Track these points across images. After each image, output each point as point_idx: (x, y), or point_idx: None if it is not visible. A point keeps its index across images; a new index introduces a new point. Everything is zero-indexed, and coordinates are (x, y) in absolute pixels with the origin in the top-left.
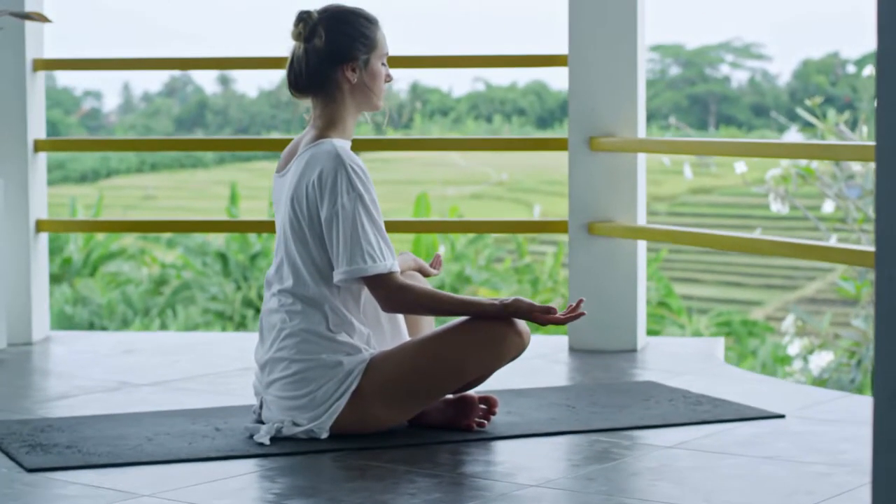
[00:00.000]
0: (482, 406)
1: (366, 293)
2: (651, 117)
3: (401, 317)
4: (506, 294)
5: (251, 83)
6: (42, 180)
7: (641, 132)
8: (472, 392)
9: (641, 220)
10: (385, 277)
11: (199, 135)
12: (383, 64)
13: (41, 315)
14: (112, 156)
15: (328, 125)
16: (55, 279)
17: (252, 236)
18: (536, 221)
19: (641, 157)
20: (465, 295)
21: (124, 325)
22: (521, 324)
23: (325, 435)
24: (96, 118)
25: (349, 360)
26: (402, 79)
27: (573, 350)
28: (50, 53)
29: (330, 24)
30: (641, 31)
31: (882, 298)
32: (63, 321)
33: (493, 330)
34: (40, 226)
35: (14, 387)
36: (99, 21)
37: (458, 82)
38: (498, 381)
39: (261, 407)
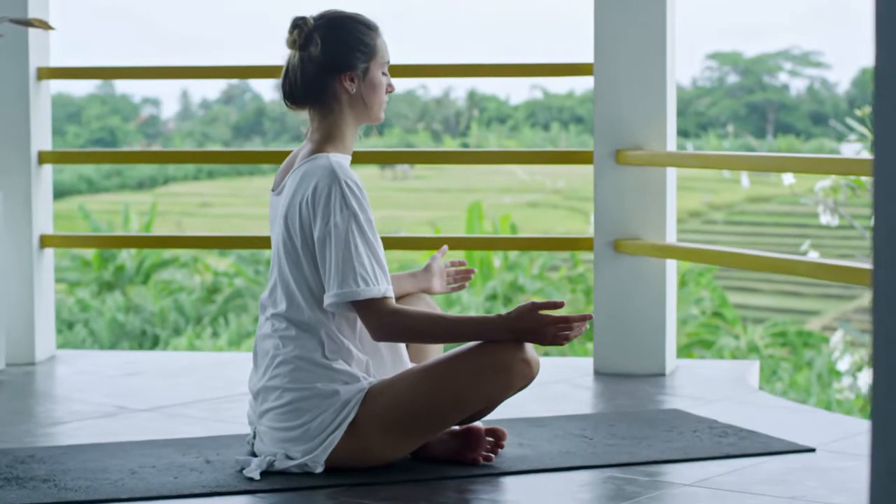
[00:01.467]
0: (489, 439)
1: None
2: (709, 125)
3: (402, 345)
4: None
5: None
6: (47, 193)
7: (671, 145)
8: (479, 423)
9: (671, 237)
10: (377, 303)
11: (256, 143)
12: (384, 73)
13: (46, 334)
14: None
15: (325, 139)
16: (108, 287)
17: None
18: (560, 238)
19: (671, 172)
20: (470, 314)
21: (176, 333)
22: (530, 351)
23: (319, 469)
24: (154, 125)
25: (346, 390)
26: (460, 86)
27: (598, 374)
28: (73, 62)
29: (326, 32)
30: (672, 38)
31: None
32: (115, 329)
33: (499, 358)
34: (45, 241)
35: (6, 411)
36: (117, 28)
37: (515, 90)
38: (513, 409)
39: (254, 438)
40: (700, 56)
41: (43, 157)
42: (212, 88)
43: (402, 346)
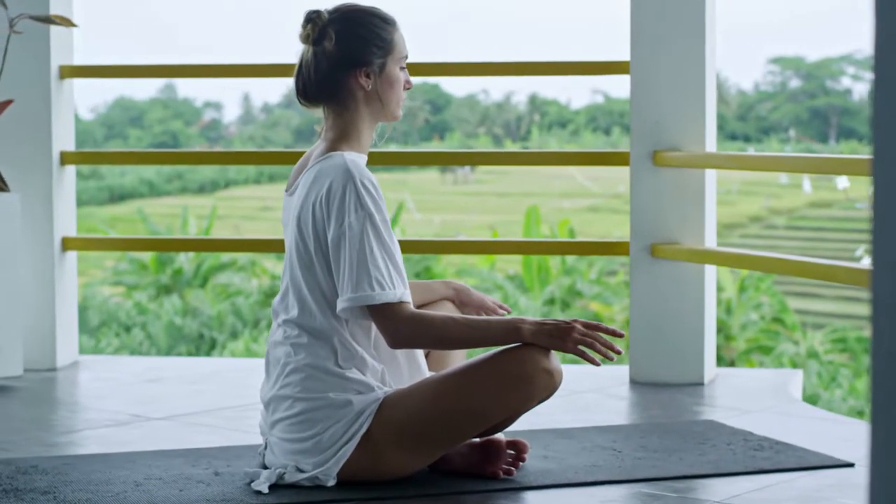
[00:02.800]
0: (510, 451)
1: None
2: (771, 129)
3: (420, 352)
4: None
5: None
6: (70, 195)
7: (710, 146)
8: (500, 435)
9: (710, 241)
10: (394, 307)
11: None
12: (402, 69)
13: (68, 339)
14: (230, 167)
15: (340, 137)
16: (166, 290)
17: None
18: (595, 243)
19: (710, 174)
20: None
21: (233, 336)
22: (553, 361)
23: (331, 483)
24: (216, 129)
25: (359, 400)
26: (521, 91)
27: (634, 383)
28: (102, 61)
29: (341, 26)
30: (711, 35)
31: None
32: (172, 332)
33: (520, 368)
34: (67, 244)
35: (18, 419)
36: (122, 26)
37: (576, 94)
38: (541, 419)
39: (265, 449)
40: (762, 60)
41: (65, 158)
42: (273, 92)
43: (420, 354)
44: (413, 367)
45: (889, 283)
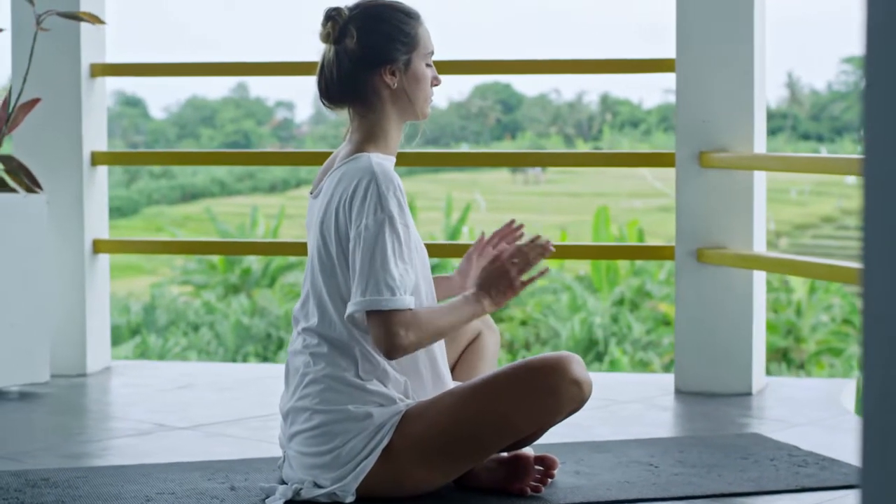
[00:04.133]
0: (538, 467)
1: None
2: (844, 130)
3: (444, 362)
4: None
5: (441, 94)
6: (102, 196)
7: (759, 146)
8: (529, 450)
9: (759, 246)
10: (401, 315)
11: None
12: (428, 65)
13: (100, 343)
14: (301, 167)
15: (367, 138)
16: (234, 290)
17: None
18: (639, 247)
19: (759, 176)
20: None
21: None
22: (580, 370)
23: (350, 499)
24: (288, 129)
25: (380, 412)
26: (593, 91)
27: (679, 392)
28: (137, 59)
29: (363, 22)
30: (760, 30)
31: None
32: (240, 332)
33: (546, 379)
34: (98, 246)
35: (39, 428)
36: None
37: (648, 94)
38: (577, 431)
39: (284, 462)
40: (835, 60)
41: (96, 158)
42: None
43: (444, 365)
44: (436, 379)
45: (880, 287)
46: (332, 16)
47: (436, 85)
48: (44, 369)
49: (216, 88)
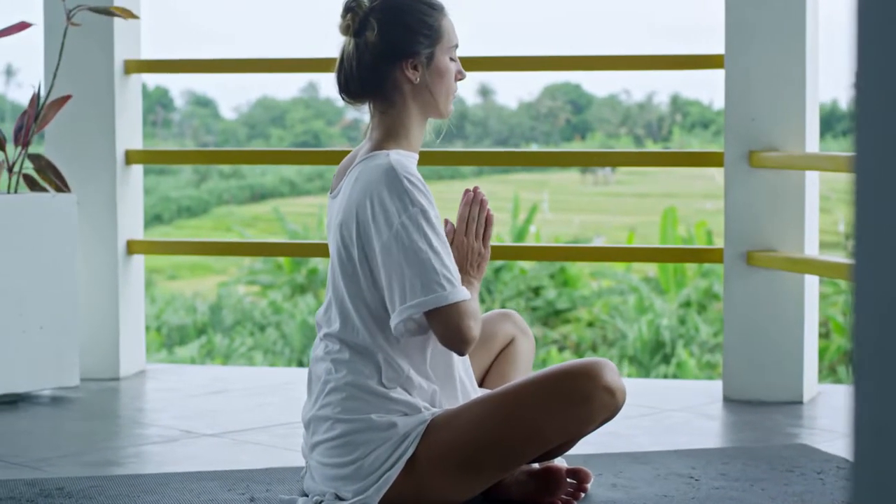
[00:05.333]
0: (571, 480)
1: (434, 340)
2: None
3: (471, 369)
4: None
5: (511, 94)
6: (137, 195)
7: (811, 146)
8: (561, 461)
9: (811, 249)
10: (465, 306)
11: (458, 146)
12: (452, 59)
13: (133, 347)
14: None
15: (387, 135)
16: (300, 289)
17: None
18: (687, 249)
19: (812, 176)
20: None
21: None
22: (613, 377)
23: None
24: (357, 129)
25: (404, 422)
26: (663, 91)
27: (728, 400)
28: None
29: (384, 14)
30: (813, 25)
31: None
32: (306, 332)
33: (577, 386)
34: (132, 247)
35: (63, 434)
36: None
37: (718, 95)
38: (618, 440)
39: (306, 473)
40: None
41: (130, 157)
42: None
43: (471, 372)
44: (467, 387)
45: (871, 286)
46: (351, 7)
47: (460, 79)
48: (73, 373)
49: (286, 88)
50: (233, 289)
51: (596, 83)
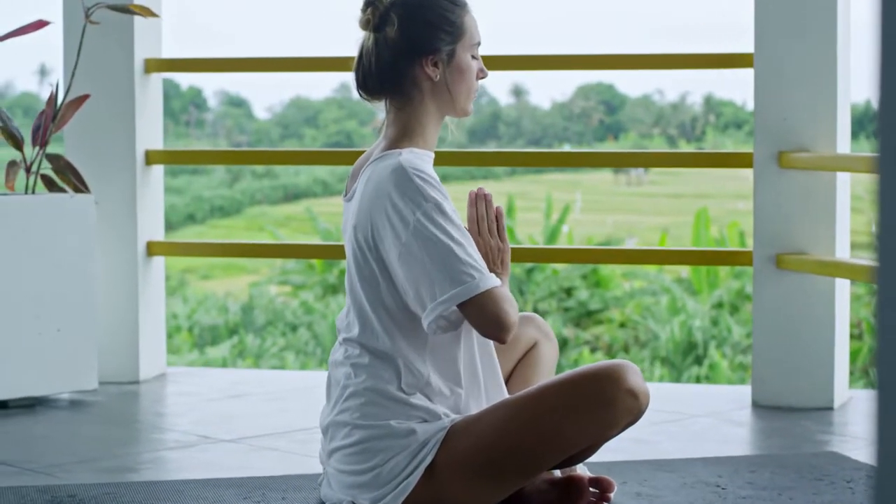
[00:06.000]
0: (593, 489)
1: (464, 340)
2: None
3: (498, 374)
4: None
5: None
6: (157, 196)
7: (842, 146)
8: (583, 469)
9: (842, 252)
10: (498, 292)
11: (491, 146)
12: (474, 57)
13: (154, 349)
14: None
15: (403, 134)
16: (332, 290)
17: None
18: (715, 252)
19: (843, 177)
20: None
21: None
22: (636, 381)
23: None
24: None
25: (424, 429)
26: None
27: (756, 406)
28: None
29: (405, 9)
30: (845, 22)
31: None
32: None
33: (600, 389)
34: (152, 248)
35: (79, 438)
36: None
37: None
38: (643, 447)
39: (324, 480)
40: None
41: (150, 157)
42: None
43: (500, 376)
44: (492, 392)
45: (894, 289)
46: (372, 1)
47: (482, 78)
48: (91, 376)
49: (320, 89)
50: (264, 289)
51: (629, 83)
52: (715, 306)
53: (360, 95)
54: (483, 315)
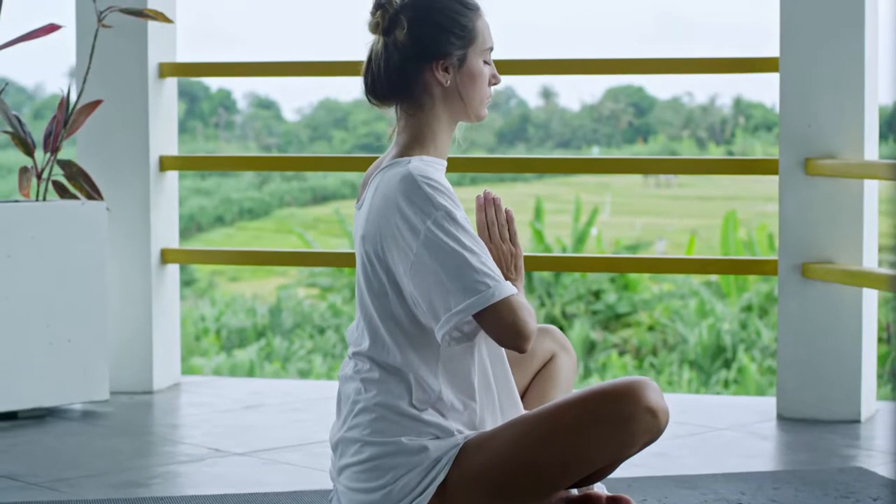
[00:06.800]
0: None
1: (477, 353)
2: None
3: (514, 390)
4: None
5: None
6: (171, 203)
7: (870, 153)
8: (601, 487)
9: (869, 261)
10: (515, 300)
11: (520, 149)
12: (487, 62)
13: (168, 359)
14: None
15: (413, 141)
16: None
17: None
18: (739, 261)
19: (871, 185)
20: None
21: None
22: (655, 398)
23: None
24: None
25: (436, 446)
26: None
27: (781, 418)
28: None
29: (415, 12)
30: (872, 26)
31: None
32: None
33: (618, 407)
34: (166, 256)
35: (86, 452)
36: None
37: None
38: (666, 462)
39: (334, 498)
40: None
41: (165, 163)
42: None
43: (515, 391)
44: (507, 408)
45: None
46: (382, 4)
47: (494, 84)
48: (102, 387)
49: (349, 91)
50: (293, 291)
51: (658, 85)
52: (744, 309)
53: (370, 101)
54: (500, 324)
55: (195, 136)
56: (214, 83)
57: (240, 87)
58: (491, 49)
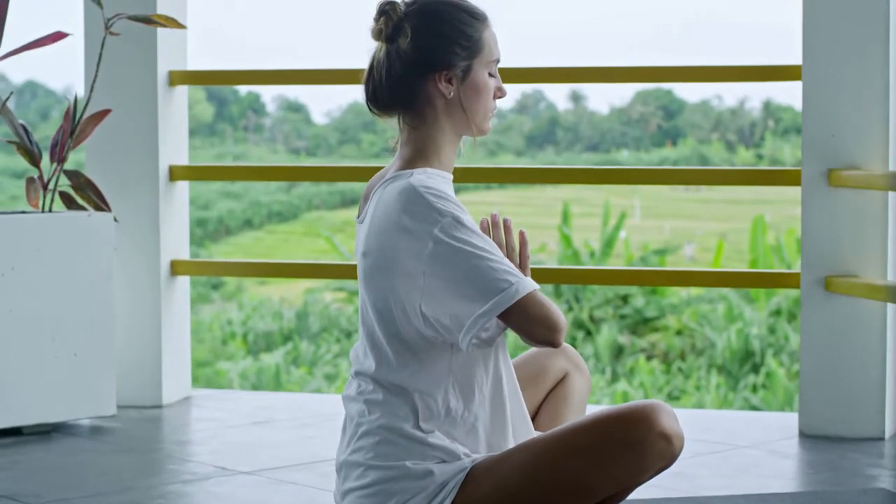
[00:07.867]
0: None
1: (495, 366)
2: None
3: (524, 410)
4: None
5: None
6: (182, 213)
7: (895, 164)
8: None
9: (894, 275)
10: (539, 294)
11: (549, 153)
12: (492, 75)
13: (178, 372)
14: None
15: (417, 153)
16: None
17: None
18: (761, 273)
19: (895, 197)
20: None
21: None
22: (669, 423)
23: None
24: None
25: (442, 470)
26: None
27: (803, 436)
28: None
29: (420, 20)
30: None
31: None
32: None
33: (630, 432)
34: (176, 267)
35: (89, 470)
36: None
37: None
38: (683, 483)
39: None
40: None
41: (174, 173)
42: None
43: (525, 411)
44: (519, 429)
45: None
46: (385, 10)
47: (499, 97)
48: (109, 402)
49: None
50: (319, 295)
51: (687, 88)
52: (772, 314)
53: (370, 110)
54: (529, 319)
55: (224, 139)
56: (243, 87)
57: (269, 91)
58: (497, 61)
